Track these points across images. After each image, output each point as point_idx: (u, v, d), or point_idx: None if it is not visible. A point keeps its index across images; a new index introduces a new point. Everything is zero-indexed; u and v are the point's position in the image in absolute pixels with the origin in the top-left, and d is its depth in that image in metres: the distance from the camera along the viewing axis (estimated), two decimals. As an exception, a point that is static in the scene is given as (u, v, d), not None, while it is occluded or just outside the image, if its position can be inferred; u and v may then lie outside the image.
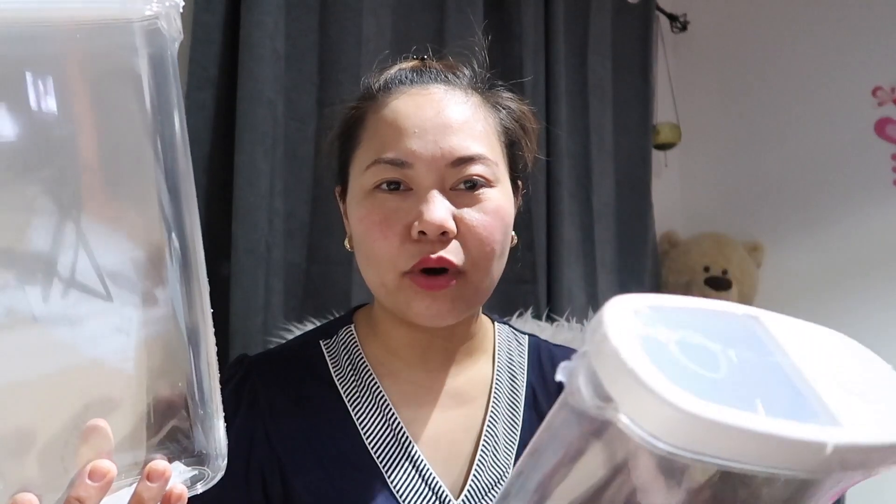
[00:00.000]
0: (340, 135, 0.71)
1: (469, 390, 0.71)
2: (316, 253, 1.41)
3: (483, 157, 0.63)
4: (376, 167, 0.63)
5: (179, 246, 0.41)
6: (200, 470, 0.41)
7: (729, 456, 0.27)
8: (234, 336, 1.24)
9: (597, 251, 1.98)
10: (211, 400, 0.42)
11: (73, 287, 0.38)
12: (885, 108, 2.08)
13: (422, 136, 0.62)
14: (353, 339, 0.72)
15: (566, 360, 0.32)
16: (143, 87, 0.41)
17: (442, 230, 0.60)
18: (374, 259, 0.64)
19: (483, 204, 0.63)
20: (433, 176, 0.62)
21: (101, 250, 0.39)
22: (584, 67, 2.01)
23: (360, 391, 0.68)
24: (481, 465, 0.66)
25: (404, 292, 0.63)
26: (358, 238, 0.66)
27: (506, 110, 0.70)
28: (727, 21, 2.39)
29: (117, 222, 0.41)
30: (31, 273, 0.37)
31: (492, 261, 0.64)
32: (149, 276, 0.41)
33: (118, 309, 0.40)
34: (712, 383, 0.29)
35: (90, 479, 0.37)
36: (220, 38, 1.29)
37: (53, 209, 0.39)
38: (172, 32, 0.42)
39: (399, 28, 1.55)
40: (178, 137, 0.42)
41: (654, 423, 0.28)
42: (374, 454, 0.65)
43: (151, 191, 0.41)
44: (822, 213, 2.16)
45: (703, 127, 2.39)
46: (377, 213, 0.63)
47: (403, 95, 0.66)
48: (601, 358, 0.29)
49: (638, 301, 0.32)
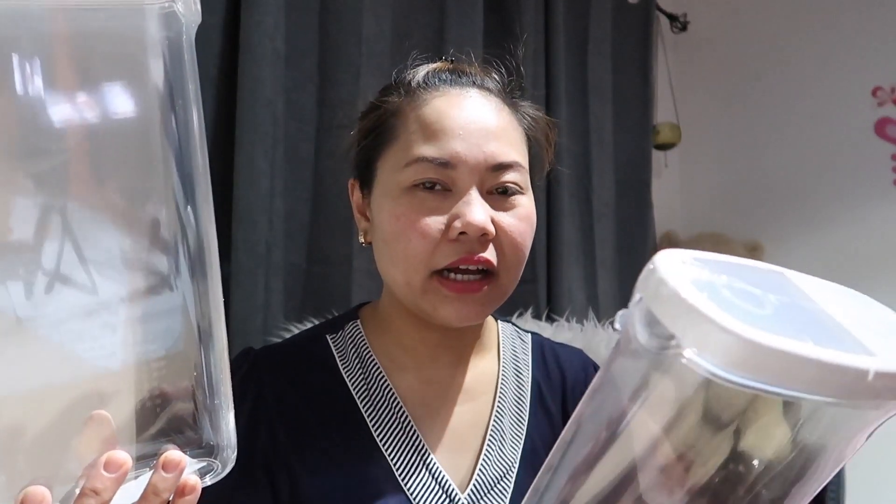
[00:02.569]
0: (371, 128, 0.70)
1: (476, 386, 0.71)
2: (316, 253, 1.41)
3: (519, 164, 0.65)
4: (418, 165, 0.63)
5: (193, 237, 0.41)
6: (209, 462, 0.41)
7: (785, 384, 0.29)
8: (234, 336, 1.24)
9: (597, 251, 1.98)
10: (221, 392, 0.42)
11: (59, 281, 0.38)
12: (885, 108, 2.08)
13: (466, 139, 0.63)
14: (360, 333, 0.72)
15: (624, 309, 0.34)
16: (157, 74, 0.40)
17: (483, 231, 0.61)
18: (403, 257, 0.63)
19: (517, 210, 0.65)
20: (474, 178, 0.63)
21: (91, 242, 0.38)
22: (584, 67, 2.01)
23: (369, 385, 0.68)
24: (487, 460, 0.67)
25: (431, 295, 0.63)
26: (388, 235, 0.65)
27: (529, 119, 0.71)
28: (727, 21, 2.39)
29: (120, 213, 0.40)
30: (14, 268, 0.37)
31: (521, 265, 0.66)
32: (155, 260, 0.40)
33: (107, 304, 0.39)
34: (762, 319, 0.31)
35: (105, 470, 0.37)
36: (220, 38, 1.29)
37: (46, 201, 0.38)
38: (190, 16, 0.41)
39: (399, 28, 1.55)
40: (194, 125, 0.41)
41: (717, 353, 0.29)
42: (382, 448, 0.65)
43: (164, 180, 0.40)
44: (822, 213, 2.16)
45: (703, 127, 2.39)
46: (417, 210, 0.62)
47: (445, 95, 0.66)
48: (659, 301, 0.32)
49: (683, 253, 0.35)
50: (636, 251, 2.14)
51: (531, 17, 1.80)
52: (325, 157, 1.41)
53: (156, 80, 0.40)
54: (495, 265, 0.63)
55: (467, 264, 0.62)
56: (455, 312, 0.63)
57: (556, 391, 0.75)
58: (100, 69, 0.40)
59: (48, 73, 0.38)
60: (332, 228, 1.41)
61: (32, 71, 0.37)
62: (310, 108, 1.41)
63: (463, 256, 0.62)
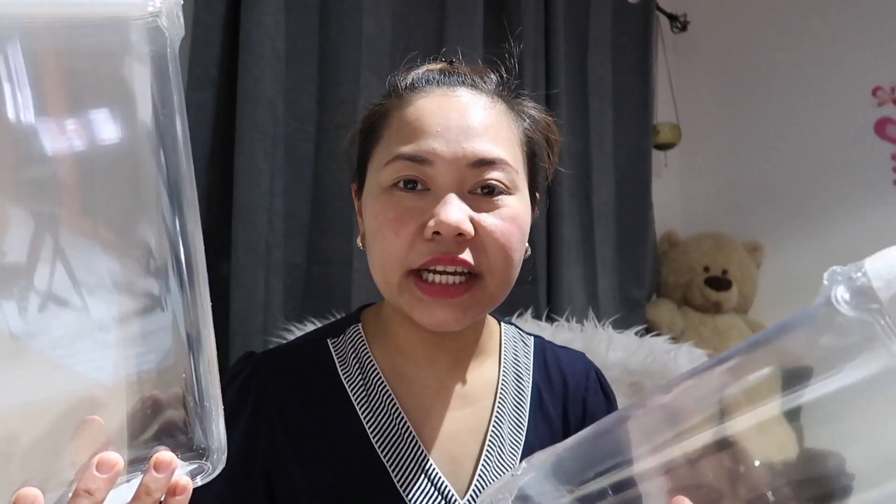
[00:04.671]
0: (362, 131, 0.70)
1: (475, 391, 0.71)
2: (316, 253, 1.41)
3: (504, 162, 0.63)
4: (395, 163, 0.62)
5: (181, 251, 0.41)
6: (199, 464, 0.42)
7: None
8: (234, 336, 1.24)
9: (597, 251, 1.99)
10: (210, 396, 0.42)
11: (51, 300, 0.38)
12: (885, 108, 2.08)
13: (444, 136, 0.61)
14: (361, 337, 0.72)
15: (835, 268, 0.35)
16: (142, 89, 0.40)
17: (458, 231, 0.60)
18: (379, 255, 0.63)
19: (501, 210, 0.63)
20: (452, 176, 0.61)
21: (81, 261, 0.39)
22: (584, 67, 2.01)
23: (368, 391, 0.68)
24: (486, 466, 0.67)
25: (407, 295, 0.63)
26: (370, 235, 0.65)
27: (530, 119, 0.70)
28: (727, 21, 2.39)
29: (107, 232, 0.40)
30: (8, 288, 0.37)
31: (511, 268, 0.64)
32: (146, 283, 0.40)
33: (99, 323, 0.39)
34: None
35: (98, 470, 0.38)
36: (220, 38, 1.30)
37: (33, 220, 0.38)
38: (174, 30, 0.41)
39: (399, 28, 1.55)
40: (180, 139, 0.41)
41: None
42: (381, 454, 0.65)
43: (153, 195, 0.41)
44: (823, 214, 2.16)
45: (703, 127, 2.39)
46: (392, 209, 0.62)
47: (429, 96, 0.65)
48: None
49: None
50: (636, 251, 2.15)
51: (531, 17, 1.80)
52: (325, 157, 1.41)
53: (142, 97, 0.40)
54: (476, 267, 0.61)
55: (441, 265, 0.61)
56: (431, 316, 0.62)
57: (557, 396, 0.74)
58: (87, 88, 0.40)
59: (37, 94, 0.38)
60: (332, 228, 1.41)
61: (21, 94, 0.38)
62: (310, 108, 1.41)
63: (436, 256, 0.60)
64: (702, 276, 2.18)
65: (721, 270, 2.17)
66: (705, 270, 2.19)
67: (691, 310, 2.19)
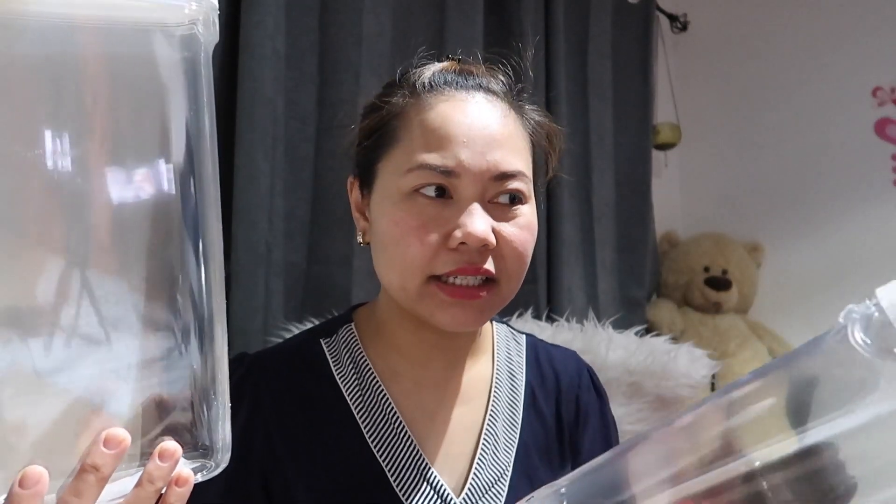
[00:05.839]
0: (373, 128, 0.69)
1: (470, 389, 0.71)
2: (316, 253, 1.41)
3: (523, 174, 0.64)
4: (421, 171, 0.62)
5: (202, 276, 0.41)
6: (203, 462, 0.42)
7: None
8: (234, 336, 1.24)
9: (597, 251, 1.99)
10: (218, 398, 0.42)
11: (76, 337, 0.38)
12: (885, 108, 2.08)
13: (470, 147, 0.62)
14: (354, 337, 0.72)
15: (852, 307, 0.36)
16: (175, 102, 0.38)
17: (484, 243, 0.61)
18: (400, 262, 0.63)
19: (518, 219, 0.64)
20: (476, 187, 0.62)
21: (106, 296, 0.38)
22: (584, 67, 2.02)
23: (363, 390, 0.68)
24: (482, 464, 0.67)
25: (428, 300, 0.63)
26: (387, 239, 0.64)
27: (533, 124, 0.70)
28: (727, 21, 2.39)
29: (130, 264, 0.39)
30: (35, 327, 0.37)
31: (523, 274, 0.66)
32: (173, 326, 0.40)
33: (117, 351, 0.39)
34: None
35: (105, 446, 0.38)
36: (221, 38, 1.29)
37: (61, 260, 0.37)
38: (209, 36, 0.39)
39: (399, 28, 1.55)
40: (209, 162, 0.39)
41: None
42: (377, 453, 0.65)
43: (176, 221, 0.40)
44: (822, 214, 2.16)
45: (703, 127, 2.39)
46: (416, 217, 0.62)
47: (450, 100, 0.65)
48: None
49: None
50: (636, 251, 2.15)
51: (531, 18, 1.80)
52: (325, 157, 1.41)
53: (176, 115, 0.39)
54: (495, 274, 0.63)
55: (466, 275, 0.62)
56: (452, 318, 0.63)
57: (550, 394, 0.75)
58: (120, 102, 0.38)
59: (75, 127, 0.36)
60: (332, 228, 1.41)
61: (61, 133, 0.37)
62: (310, 108, 1.41)
63: (462, 266, 0.61)
64: (702, 277, 2.18)
65: (721, 270, 2.18)
66: (705, 270, 2.19)
67: (691, 310, 2.19)
